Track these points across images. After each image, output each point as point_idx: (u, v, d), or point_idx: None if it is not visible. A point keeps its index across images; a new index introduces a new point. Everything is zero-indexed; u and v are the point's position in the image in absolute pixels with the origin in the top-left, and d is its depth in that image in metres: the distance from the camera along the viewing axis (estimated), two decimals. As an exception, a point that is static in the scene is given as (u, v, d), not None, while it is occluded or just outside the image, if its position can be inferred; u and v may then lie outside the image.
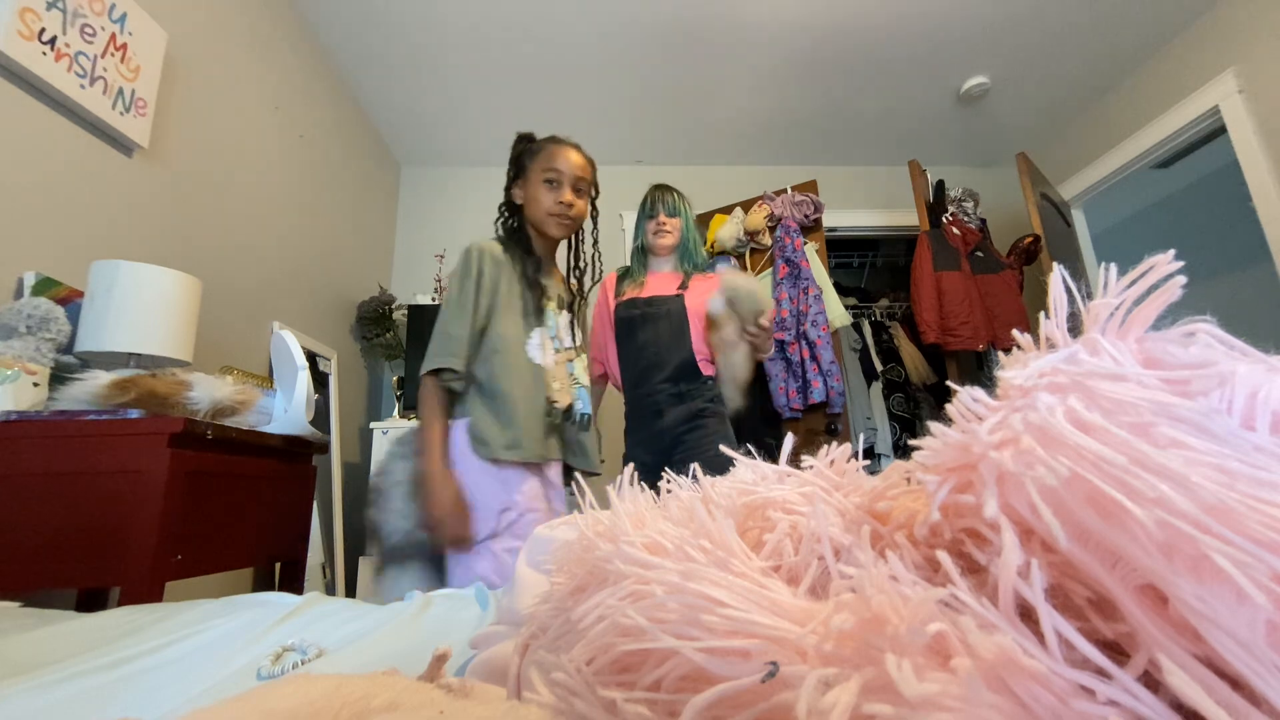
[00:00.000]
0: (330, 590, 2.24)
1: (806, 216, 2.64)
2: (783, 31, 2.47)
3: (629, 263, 1.84)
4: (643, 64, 2.64)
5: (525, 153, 1.31)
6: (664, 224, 1.72)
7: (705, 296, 1.70)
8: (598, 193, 1.37)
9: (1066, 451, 0.15)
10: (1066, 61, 2.71)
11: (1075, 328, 0.21)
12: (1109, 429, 0.16)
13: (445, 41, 2.47)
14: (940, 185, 2.82)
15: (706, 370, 1.65)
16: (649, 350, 1.64)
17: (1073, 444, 0.15)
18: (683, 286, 1.71)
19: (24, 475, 0.94)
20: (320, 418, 2.34)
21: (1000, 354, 0.21)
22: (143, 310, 1.19)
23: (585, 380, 1.30)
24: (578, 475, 0.41)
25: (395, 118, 2.96)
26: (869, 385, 3.32)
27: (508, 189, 1.33)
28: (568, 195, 1.24)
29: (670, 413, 1.59)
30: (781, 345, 2.44)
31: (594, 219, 1.39)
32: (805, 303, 2.44)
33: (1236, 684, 0.13)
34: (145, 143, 1.50)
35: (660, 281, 1.74)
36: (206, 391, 1.13)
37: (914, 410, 3.34)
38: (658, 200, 1.75)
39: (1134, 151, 2.79)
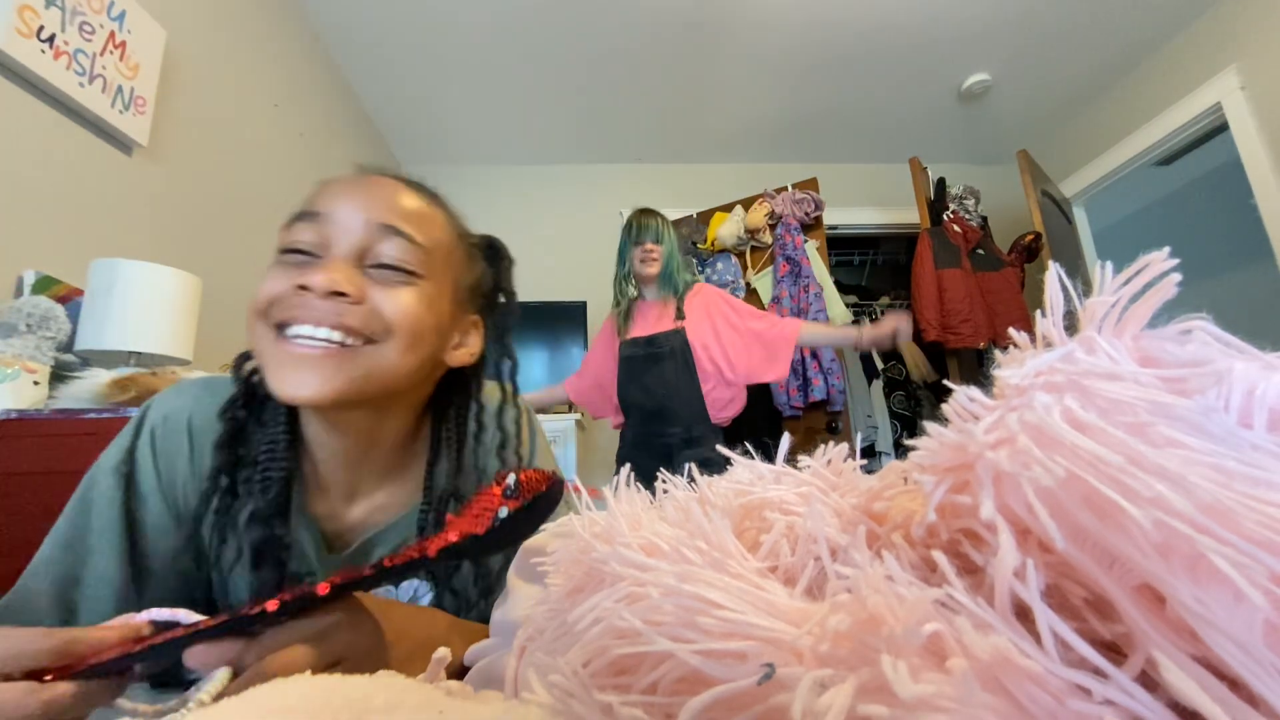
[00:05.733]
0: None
1: (807, 214, 2.64)
2: (783, 29, 2.46)
3: (614, 290, 1.79)
4: (643, 62, 2.64)
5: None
6: (650, 250, 1.67)
7: (704, 324, 1.67)
8: (507, 260, 0.65)
9: (1063, 451, 0.15)
10: (1068, 58, 2.71)
11: (1073, 326, 0.21)
12: (1105, 428, 0.16)
13: (445, 39, 2.47)
14: (941, 183, 2.82)
15: (714, 417, 1.63)
16: (656, 394, 1.61)
17: (1069, 443, 0.15)
18: (679, 316, 1.67)
19: (24, 474, 0.94)
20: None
21: (999, 352, 0.21)
22: (143, 308, 1.19)
23: None
24: (577, 478, 0.39)
25: (395, 115, 2.96)
26: (870, 383, 3.32)
27: None
28: (327, 274, 0.47)
29: (680, 455, 1.57)
30: (782, 343, 2.44)
31: (501, 338, 0.63)
32: (806, 301, 2.44)
33: (1234, 685, 0.13)
34: (145, 141, 1.50)
35: (654, 314, 1.70)
36: (206, 390, 1.12)
37: (915, 408, 3.34)
38: (643, 227, 1.68)
39: (1136, 149, 2.79)
